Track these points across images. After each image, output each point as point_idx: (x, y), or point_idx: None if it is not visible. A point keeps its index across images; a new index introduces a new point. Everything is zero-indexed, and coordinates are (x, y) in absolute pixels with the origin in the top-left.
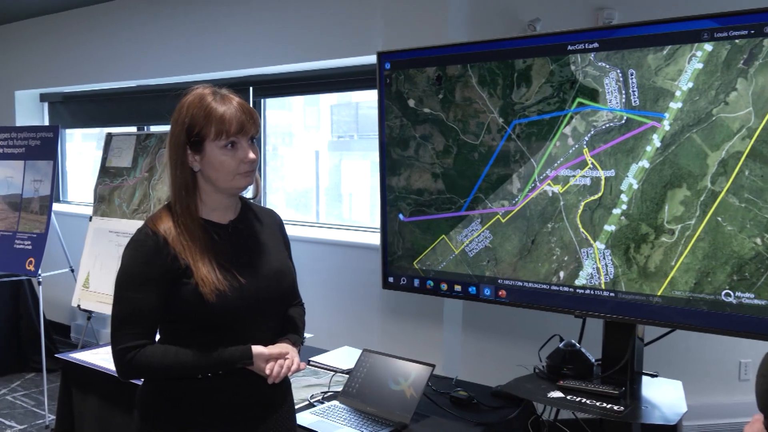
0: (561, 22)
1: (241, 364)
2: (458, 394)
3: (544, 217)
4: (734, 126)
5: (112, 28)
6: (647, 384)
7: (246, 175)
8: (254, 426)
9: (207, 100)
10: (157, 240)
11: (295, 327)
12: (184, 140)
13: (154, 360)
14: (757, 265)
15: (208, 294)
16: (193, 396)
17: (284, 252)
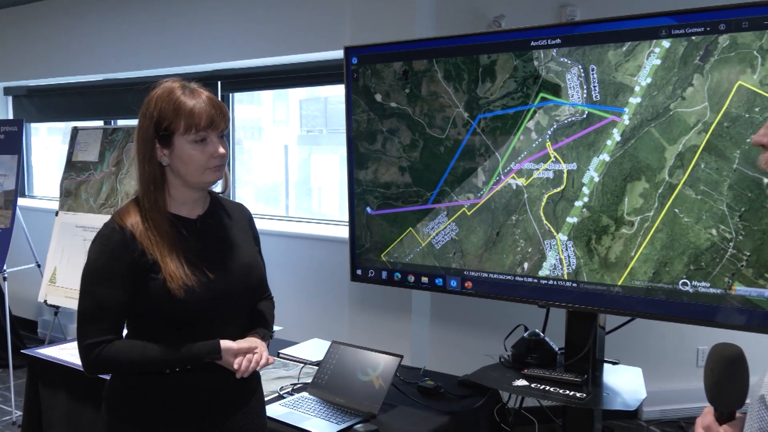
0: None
1: (210, 359)
2: (426, 383)
3: (509, 210)
4: (691, 120)
5: (79, 21)
6: (608, 371)
7: (215, 170)
8: (223, 420)
9: (176, 93)
10: (123, 234)
11: (264, 321)
12: (153, 134)
13: (121, 355)
14: (713, 255)
15: (176, 289)
16: (162, 391)
17: (253, 247)
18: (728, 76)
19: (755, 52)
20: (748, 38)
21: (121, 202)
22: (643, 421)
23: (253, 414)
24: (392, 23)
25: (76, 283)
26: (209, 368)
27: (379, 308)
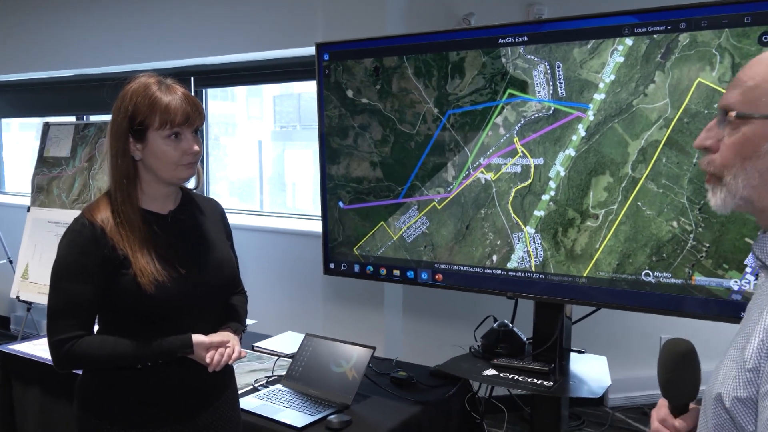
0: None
1: (182, 353)
2: (398, 374)
3: (478, 204)
4: (652, 116)
5: (51, 16)
6: (575, 360)
7: (188, 167)
8: (196, 414)
9: (152, 89)
10: (93, 230)
11: (236, 315)
12: (126, 128)
13: (91, 351)
14: (674, 246)
15: (147, 285)
16: (134, 385)
17: (225, 242)
18: (688, 74)
19: (714, 51)
20: (707, 37)
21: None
22: (608, 407)
23: (227, 407)
24: (363, 20)
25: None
26: (182, 363)
27: (352, 301)
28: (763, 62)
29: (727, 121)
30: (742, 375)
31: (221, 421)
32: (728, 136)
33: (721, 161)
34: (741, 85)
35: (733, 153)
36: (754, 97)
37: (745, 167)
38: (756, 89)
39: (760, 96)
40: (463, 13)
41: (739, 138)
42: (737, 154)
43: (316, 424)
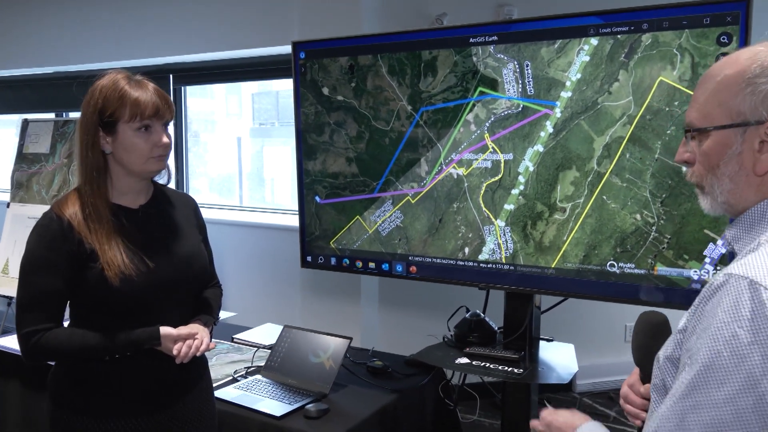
0: (466, 17)
1: (149, 345)
2: (374, 364)
3: (450, 198)
4: (617, 113)
5: (30, 13)
6: (544, 348)
7: (159, 160)
8: (169, 405)
9: (121, 83)
10: (61, 224)
11: (208, 308)
12: (96, 121)
13: (58, 343)
14: (637, 238)
15: (113, 278)
16: (105, 378)
17: (197, 236)
18: (650, 72)
19: (675, 50)
20: (668, 37)
21: None
22: (576, 393)
23: (201, 399)
24: (339, 19)
25: None
26: (152, 355)
27: (330, 293)
28: (710, 75)
29: (691, 137)
30: (674, 338)
31: (195, 412)
32: (697, 149)
33: (698, 173)
34: (695, 102)
35: (703, 165)
36: (707, 112)
37: (716, 175)
38: (707, 104)
39: (710, 110)
40: (435, 13)
41: (704, 151)
42: (706, 165)
43: (295, 413)
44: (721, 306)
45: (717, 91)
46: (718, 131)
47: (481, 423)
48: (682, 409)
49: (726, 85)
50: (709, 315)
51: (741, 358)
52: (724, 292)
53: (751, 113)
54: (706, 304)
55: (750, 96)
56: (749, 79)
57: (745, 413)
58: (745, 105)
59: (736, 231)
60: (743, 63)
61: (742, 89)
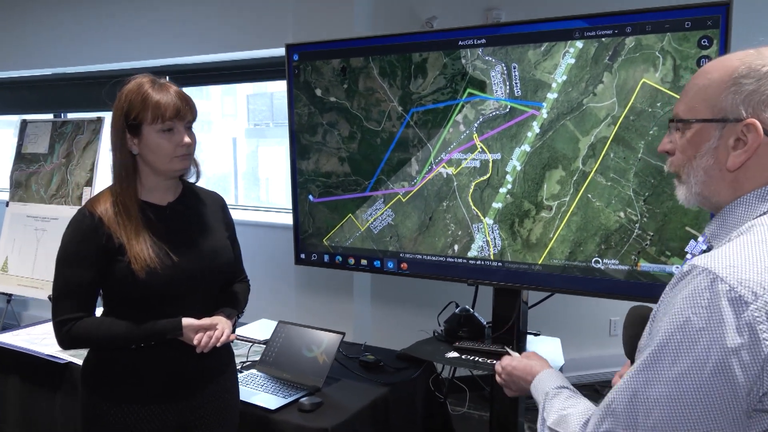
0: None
1: (172, 335)
2: (366, 358)
3: (440, 197)
4: (601, 114)
5: (28, 15)
6: (531, 342)
7: (183, 159)
8: (191, 394)
9: (145, 87)
10: (93, 219)
11: (233, 301)
12: (123, 124)
13: (88, 331)
14: (621, 235)
15: (139, 271)
16: (131, 367)
17: (223, 232)
18: (634, 75)
19: (657, 53)
20: (651, 40)
21: (72, 193)
22: None
23: (224, 390)
24: (332, 22)
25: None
26: (176, 345)
27: (323, 289)
28: (702, 74)
29: (675, 128)
30: (648, 328)
31: (217, 403)
32: (678, 140)
33: (676, 162)
34: (685, 95)
35: (682, 154)
36: (692, 105)
37: (693, 165)
38: (693, 98)
39: (696, 104)
40: (426, 16)
41: (684, 141)
42: (685, 155)
43: (289, 407)
44: (682, 293)
45: (705, 87)
46: (699, 124)
47: (471, 415)
48: (635, 384)
49: (713, 83)
50: (670, 301)
51: (691, 342)
52: (687, 281)
53: (731, 110)
54: (670, 291)
55: (733, 94)
56: (735, 78)
57: (689, 393)
58: (726, 102)
59: (714, 228)
60: (733, 63)
61: (727, 87)
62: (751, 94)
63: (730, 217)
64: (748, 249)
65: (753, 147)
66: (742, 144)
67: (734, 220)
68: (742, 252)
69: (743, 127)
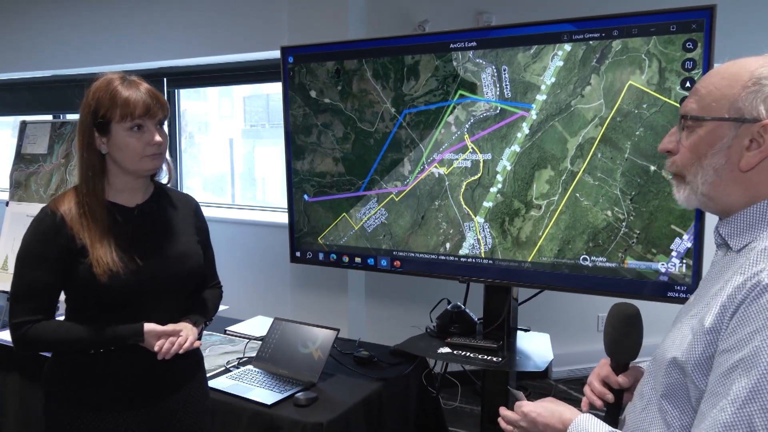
0: (447, 24)
1: (133, 341)
2: (361, 354)
3: (432, 196)
4: (589, 115)
5: (27, 18)
6: (521, 337)
7: (153, 158)
8: (158, 400)
9: (114, 84)
10: (54, 219)
11: (202, 307)
12: (91, 123)
13: (46, 334)
14: (608, 233)
15: (101, 275)
16: (94, 372)
17: (194, 236)
18: (620, 77)
19: (643, 56)
20: (637, 43)
21: None
22: (551, 379)
23: (194, 394)
24: (326, 25)
25: None
26: (140, 350)
27: (318, 287)
28: (716, 74)
29: (684, 125)
30: (701, 338)
31: (188, 407)
32: (686, 139)
33: (681, 161)
34: (696, 93)
35: (690, 153)
36: (706, 103)
37: (702, 165)
38: (707, 96)
39: (711, 102)
40: (418, 20)
41: (694, 139)
42: (694, 153)
43: (285, 402)
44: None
45: (721, 86)
46: (714, 122)
47: (462, 409)
48: (749, 413)
49: (730, 82)
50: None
51: None
52: None
53: (748, 110)
54: (752, 306)
55: (752, 94)
56: (756, 79)
57: None
58: (745, 102)
59: (732, 227)
60: (753, 64)
61: (746, 87)
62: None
63: (753, 216)
64: None
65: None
66: (756, 145)
67: (760, 220)
68: None
69: (760, 128)
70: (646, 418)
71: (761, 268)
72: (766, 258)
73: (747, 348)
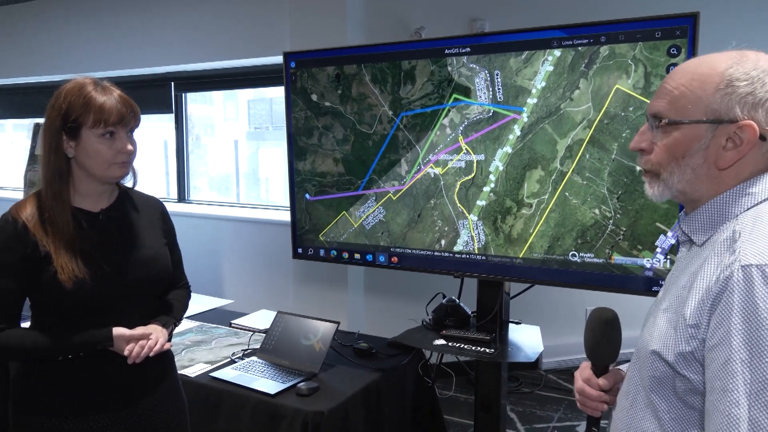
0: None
1: (102, 346)
2: (360, 345)
3: (428, 195)
4: (577, 118)
5: (40, 26)
6: (513, 330)
7: (122, 166)
8: (134, 401)
9: (87, 88)
10: (16, 226)
11: (168, 309)
12: (60, 125)
13: (10, 342)
14: (596, 230)
15: (66, 281)
16: (64, 378)
17: (161, 239)
18: (608, 81)
19: (629, 61)
20: (624, 49)
21: None
22: (542, 370)
23: (166, 395)
24: (326, 32)
25: None
26: (110, 355)
27: (319, 282)
28: (685, 71)
29: (659, 127)
30: (683, 332)
31: (161, 408)
32: (661, 140)
33: (657, 161)
34: (668, 94)
35: (667, 154)
36: (681, 105)
37: (679, 165)
38: (682, 98)
39: (686, 104)
40: (414, 26)
41: (671, 141)
42: (671, 154)
43: (287, 391)
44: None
45: (693, 87)
46: (691, 125)
47: (457, 398)
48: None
49: (702, 83)
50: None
51: None
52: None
53: (725, 112)
54: (732, 297)
55: (726, 96)
56: (728, 81)
57: None
58: (720, 104)
59: (694, 224)
60: (721, 64)
61: (719, 89)
62: (745, 96)
63: (713, 212)
64: None
65: (747, 147)
66: (732, 144)
67: (719, 215)
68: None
69: (737, 129)
70: (635, 415)
71: (732, 261)
72: (730, 249)
73: (735, 341)
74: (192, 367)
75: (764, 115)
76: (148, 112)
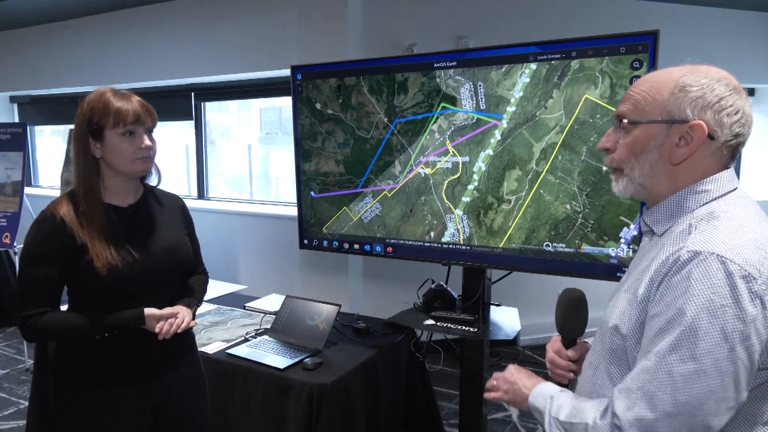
0: (432, 46)
1: (135, 324)
2: (359, 325)
3: (419, 192)
4: (551, 124)
5: (73, 41)
6: (494, 311)
7: (143, 161)
8: (158, 376)
9: (106, 95)
10: (54, 221)
11: (191, 292)
12: (86, 129)
13: (52, 324)
14: (567, 224)
15: (101, 268)
16: (98, 353)
17: (182, 230)
18: (578, 91)
19: (597, 74)
20: (592, 63)
21: None
22: (519, 347)
23: (190, 368)
24: (329, 48)
25: None
26: (140, 334)
27: (323, 269)
28: (646, 80)
29: (621, 127)
30: (636, 307)
31: (185, 379)
32: (623, 139)
33: (619, 158)
34: (631, 98)
35: (627, 151)
36: (641, 108)
37: (638, 160)
38: (642, 102)
39: (645, 106)
40: (407, 43)
41: (631, 139)
42: (631, 151)
43: (295, 366)
44: (693, 277)
45: (651, 92)
46: (648, 124)
47: (445, 371)
48: (669, 363)
49: (659, 89)
50: (679, 286)
51: (717, 318)
52: (694, 266)
53: (677, 113)
54: (674, 277)
55: (679, 99)
56: (681, 86)
57: (720, 363)
58: (673, 106)
59: (655, 216)
60: (676, 73)
61: (674, 93)
62: (696, 100)
63: (671, 206)
64: (735, 233)
65: (697, 144)
66: (684, 141)
67: (677, 208)
68: (734, 236)
69: (688, 128)
70: (597, 382)
71: (681, 246)
72: (683, 238)
73: (671, 311)
74: (210, 345)
75: (712, 117)
76: (171, 119)
